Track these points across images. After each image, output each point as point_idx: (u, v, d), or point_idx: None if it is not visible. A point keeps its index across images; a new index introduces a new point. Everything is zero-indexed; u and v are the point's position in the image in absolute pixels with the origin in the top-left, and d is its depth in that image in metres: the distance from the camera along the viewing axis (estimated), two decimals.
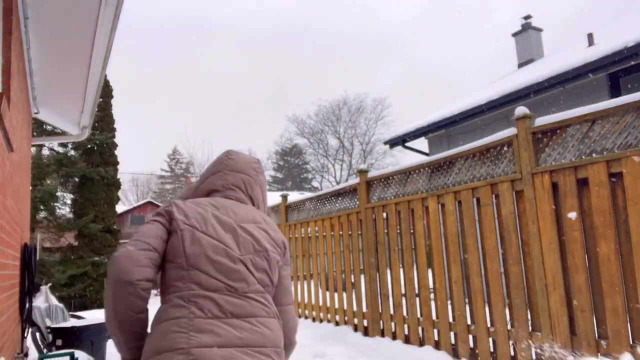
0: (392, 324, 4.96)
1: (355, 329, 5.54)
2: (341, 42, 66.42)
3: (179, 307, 1.36)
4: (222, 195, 1.65)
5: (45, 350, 4.53)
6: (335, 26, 66.62)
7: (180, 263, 1.42)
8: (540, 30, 12.35)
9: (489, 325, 3.88)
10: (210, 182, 1.69)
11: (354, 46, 66.94)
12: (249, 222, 1.57)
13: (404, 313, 4.85)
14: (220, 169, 1.71)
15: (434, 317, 4.46)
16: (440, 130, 10.23)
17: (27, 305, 4.24)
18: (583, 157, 3.21)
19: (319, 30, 67.16)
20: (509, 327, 3.72)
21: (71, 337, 4.30)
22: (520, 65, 12.20)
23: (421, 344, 4.56)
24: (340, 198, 6.07)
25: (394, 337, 4.91)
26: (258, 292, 1.47)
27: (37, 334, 4.67)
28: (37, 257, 4.94)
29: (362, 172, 5.49)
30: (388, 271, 5.18)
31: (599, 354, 3.08)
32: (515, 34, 12.45)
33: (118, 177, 13.29)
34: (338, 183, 38.61)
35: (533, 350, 3.52)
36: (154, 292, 13.47)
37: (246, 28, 69.81)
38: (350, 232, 5.87)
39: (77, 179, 12.64)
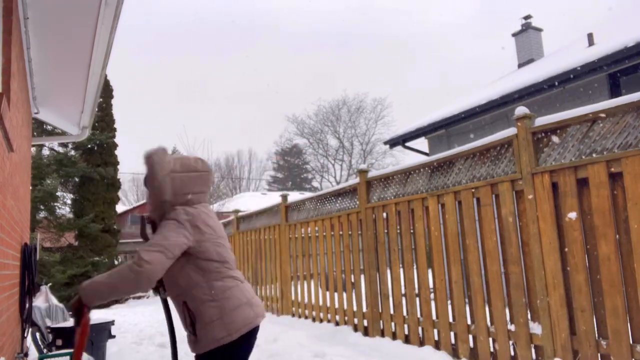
0: (392, 324, 4.96)
1: (355, 329, 5.54)
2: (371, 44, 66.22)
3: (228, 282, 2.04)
4: (204, 201, 2.17)
5: (45, 350, 4.53)
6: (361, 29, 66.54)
7: (214, 258, 2.03)
8: (540, 30, 12.35)
9: (489, 325, 3.89)
10: (197, 198, 2.10)
11: (385, 49, 66.70)
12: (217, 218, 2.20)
13: (404, 313, 4.85)
14: (205, 191, 2.15)
15: (434, 317, 4.46)
16: (440, 130, 10.23)
17: (27, 305, 4.24)
18: (583, 157, 3.21)
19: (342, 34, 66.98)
20: (509, 327, 3.72)
21: (71, 337, 4.29)
22: (520, 65, 12.21)
23: (421, 344, 4.56)
24: (340, 198, 6.07)
25: (394, 337, 4.91)
26: None
27: (37, 334, 4.67)
28: (37, 257, 4.94)
29: (362, 172, 5.49)
30: (388, 271, 5.19)
31: (599, 354, 3.09)
32: (515, 34, 12.45)
33: (118, 177, 13.29)
34: (338, 183, 38.62)
35: (533, 350, 3.52)
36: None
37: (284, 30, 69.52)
38: (350, 232, 5.87)
39: (77, 179, 12.62)
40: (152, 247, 1.85)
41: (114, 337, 4.76)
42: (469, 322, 4.11)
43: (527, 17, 12.32)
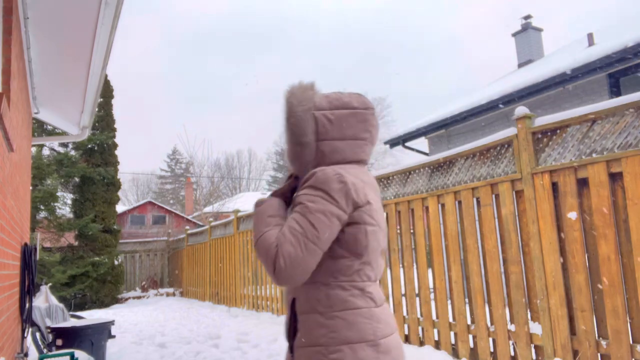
0: None
1: None
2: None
3: (358, 297, 1.35)
4: (358, 165, 1.50)
5: (45, 350, 4.53)
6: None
7: (357, 256, 1.36)
8: (540, 30, 12.36)
9: (489, 325, 3.89)
10: (351, 151, 1.46)
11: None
12: (380, 200, 1.53)
13: (404, 313, 4.85)
14: (364, 138, 1.48)
15: (434, 317, 4.46)
16: (440, 130, 10.23)
17: (27, 305, 4.24)
18: (583, 157, 3.21)
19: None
20: (509, 327, 3.72)
21: (71, 337, 4.30)
22: (520, 65, 12.21)
23: (421, 343, 4.56)
24: None
25: None
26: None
27: (37, 334, 4.67)
28: (37, 257, 4.94)
29: None
30: (388, 271, 5.18)
31: (599, 354, 3.09)
32: (515, 34, 12.45)
33: (118, 177, 13.28)
34: None
35: (533, 350, 3.52)
36: (157, 290, 13.46)
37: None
38: None
39: (77, 179, 12.62)
40: (293, 235, 1.29)
41: (114, 337, 4.76)
42: (469, 322, 4.11)
43: (527, 17, 12.32)
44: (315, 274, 1.34)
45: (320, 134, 1.44)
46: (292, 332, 1.40)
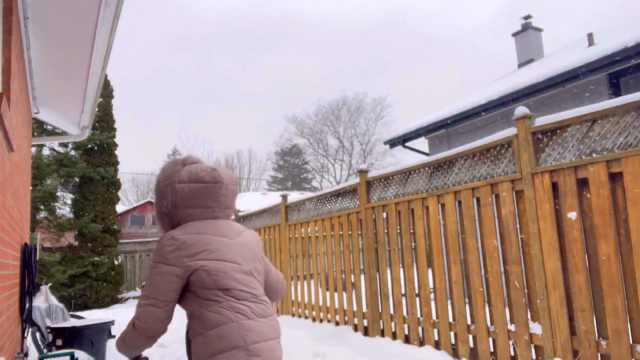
0: (392, 323, 4.96)
1: (355, 329, 5.54)
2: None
3: (226, 315, 1.68)
4: (214, 218, 1.88)
5: (45, 350, 4.53)
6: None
7: (211, 286, 1.70)
8: (540, 30, 12.36)
9: (489, 325, 3.89)
10: (201, 215, 1.84)
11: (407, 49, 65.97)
12: (239, 236, 1.88)
13: (404, 313, 4.85)
14: (211, 206, 1.84)
15: (434, 317, 4.46)
16: (440, 130, 10.23)
17: (27, 305, 4.24)
18: (583, 157, 3.21)
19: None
20: (509, 327, 3.72)
21: (71, 337, 4.30)
22: (520, 65, 12.21)
23: (421, 343, 4.56)
24: (340, 198, 6.07)
25: (394, 337, 4.91)
26: (264, 294, 1.86)
27: (37, 334, 4.67)
28: (37, 257, 4.94)
29: (362, 172, 5.49)
30: (388, 271, 5.19)
31: (599, 354, 3.09)
32: (515, 34, 12.45)
33: (118, 177, 13.27)
34: (338, 183, 38.63)
35: (533, 350, 3.52)
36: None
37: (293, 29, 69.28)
38: (350, 232, 5.87)
39: (77, 179, 12.61)
40: (142, 299, 1.70)
41: (114, 337, 4.75)
42: (469, 322, 4.11)
43: (527, 17, 12.32)
44: (192, 307, 1.73)
45: (178, 202, 1.82)
46: (188, 354, 1.76)
